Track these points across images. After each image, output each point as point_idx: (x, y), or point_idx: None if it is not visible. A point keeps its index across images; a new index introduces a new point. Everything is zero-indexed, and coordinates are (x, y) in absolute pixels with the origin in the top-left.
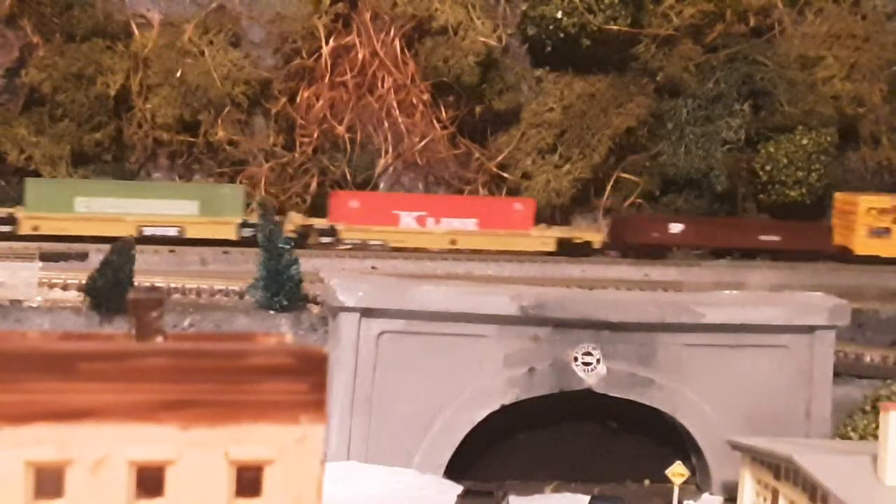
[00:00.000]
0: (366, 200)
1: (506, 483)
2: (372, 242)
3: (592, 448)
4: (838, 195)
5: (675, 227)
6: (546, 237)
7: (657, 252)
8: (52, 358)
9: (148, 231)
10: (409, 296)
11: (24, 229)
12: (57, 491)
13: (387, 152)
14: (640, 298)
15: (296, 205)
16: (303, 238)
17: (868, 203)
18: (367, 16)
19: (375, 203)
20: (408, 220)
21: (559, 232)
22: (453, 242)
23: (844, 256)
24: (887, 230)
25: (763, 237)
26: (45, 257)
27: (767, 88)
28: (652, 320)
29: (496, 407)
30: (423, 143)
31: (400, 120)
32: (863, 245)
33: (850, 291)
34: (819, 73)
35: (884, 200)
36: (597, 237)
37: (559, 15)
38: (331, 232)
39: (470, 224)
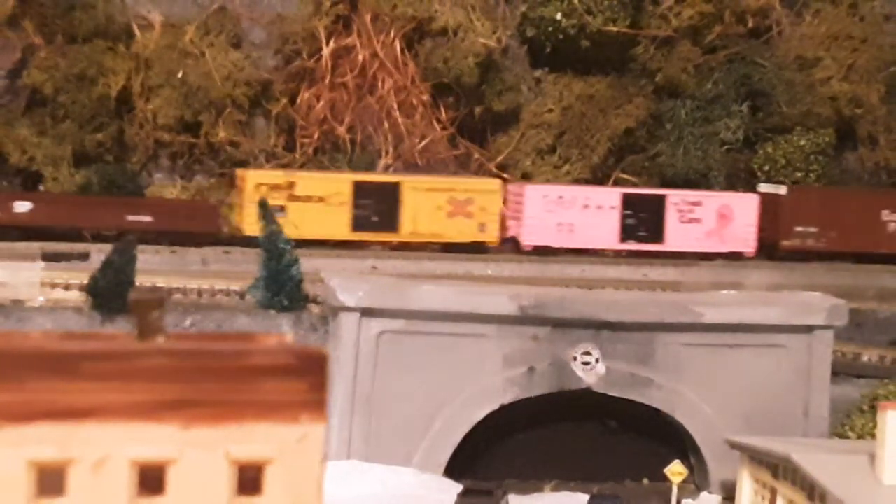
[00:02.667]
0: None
1: (505, 482)
2: None
3: (591, 447)
4: (238, 171)
5: (22, 206)
6: None
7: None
8: (53, 358)
9: None
10: (409, 296)
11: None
12: (58, 490)
13: (387, 153)
14: (639, 298)
15: None
16: None
17: (257, 178)
18: (368, 17)
19: None
20: None
21: None
22: None
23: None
24: (282, 208)
25: (132, 217)
26: (47, 257)
27: (765, 89)
28: (651, 320)
29: (496, 406)
30: (423, 144)
31: (400, 121)
32: (254, 225)
33: (849, 291)
34: (817, 74)
35: (276, 176)
36: None
37: (558, 16)
38: None
39: None
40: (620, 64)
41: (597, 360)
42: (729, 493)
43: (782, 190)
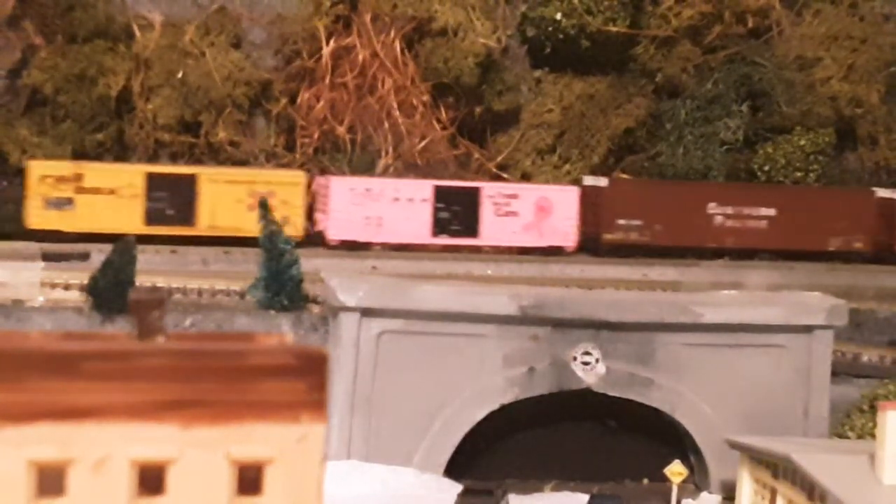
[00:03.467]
0: None
1: (505, 482)
2: None
3: (591, 447)
4: (27, 163)
5: None
6: None
7: None
8: (53, 358)
9: None
10: (409, 296)
11: None
12: (58, 490)
13: (387, 153)
14: (639, 298)
15: None
16: None
17: (42, 170)
18: (368, 17)
19: None
20: None
21: None
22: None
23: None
24: (70, 201)
25: None
26: (47, 257)
27: (765, 89)
28: (651, 320)
29: (496, 406)
30: (423, 144)
31: (400, 121)
32: (40, 218)
33: (849, 291)
34: (817, 74)
35: (62, 167)
36: None
37: (558, 16)
38: None
39: None
40: (620, 64)
41: (597, 360)
42: (729, 493)
43: (603, 182)
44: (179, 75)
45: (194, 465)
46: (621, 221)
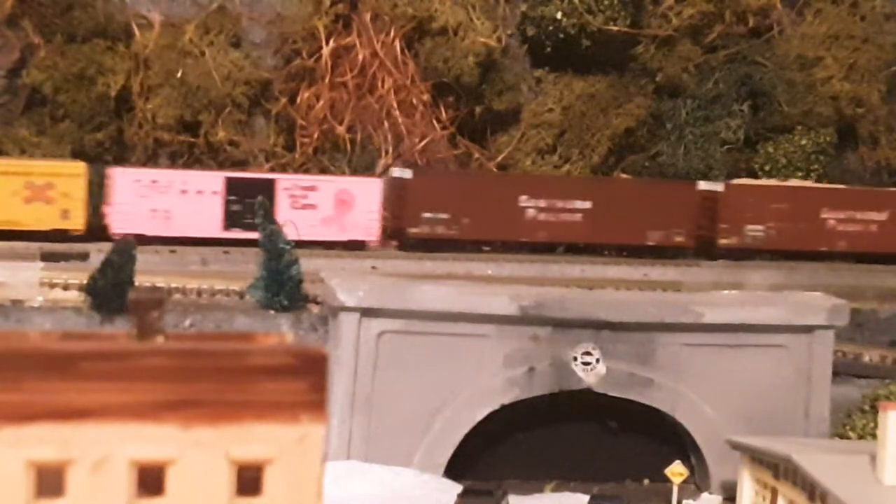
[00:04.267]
0: None
1: (505, 483)
2: None
3: (592, 447)
4: None
5: None
6: None
7: None
8: (53, 358)
9: None
10: (409, 296)
11: None
12: (58, 490)
13: (387, 152)
14: (640, 298)
15: None
16: None
17: None
18: (368, 16)
19: None
20: None
21: None
22: None
23: None
24: None
25: None
26: (47, 257)
27: (766, 89)
28: (651, 320)
29: (496, 406)
30: (423, 144)
31: (400, 120)
32: None
33: (849, 291)
34: (818, 74)
35: None
36: None
37: (559, 16)
38: None
39: None
40: (621, 63)
41: (597, 361)
42: (730, 494)
43: (408, 174)
44: (179, 75)
45: (194, 465)
46: (427, 215)
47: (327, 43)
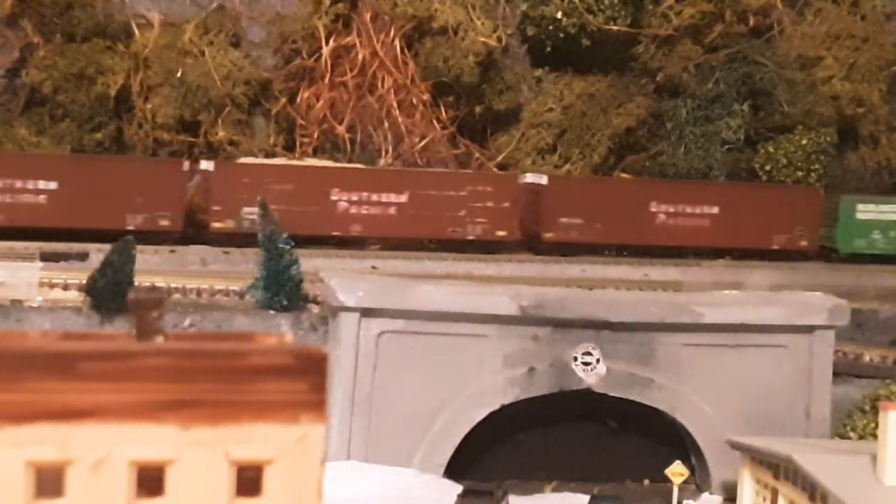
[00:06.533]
0: None
1: (506, 483)
2: None
3: (592, 448)
4: None
5: None
6: None
7: None
8: (52, 358)
9: None
10: (409, 296)
11: None
12: (57, 490)
13: (387, 152)
14: (640, 298)
15: None
16: None
17: None
18: (368, 16)
19: None
20: None
21: None
22: None
23: None
24: None
25: None
26: (46, 257)
27: (767, 88)
28: (651, 320)
29: (496, 407)
30: (423, 144)
31: (400, 120)
32: None
33: (850, 291)
34: (818, 74)
35: None
36: None
37: (559, 15)
38: None
39: None
40: (621, 63)
41: (597, 361)
42: (730, 494)
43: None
44: (178, 74)
45: (193, 465)
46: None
47: (327, 42)
